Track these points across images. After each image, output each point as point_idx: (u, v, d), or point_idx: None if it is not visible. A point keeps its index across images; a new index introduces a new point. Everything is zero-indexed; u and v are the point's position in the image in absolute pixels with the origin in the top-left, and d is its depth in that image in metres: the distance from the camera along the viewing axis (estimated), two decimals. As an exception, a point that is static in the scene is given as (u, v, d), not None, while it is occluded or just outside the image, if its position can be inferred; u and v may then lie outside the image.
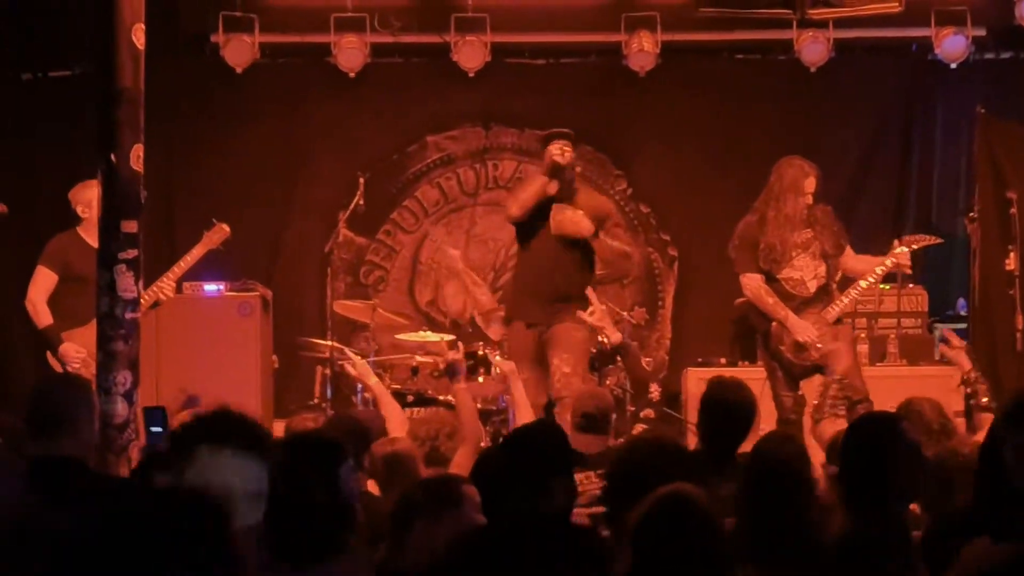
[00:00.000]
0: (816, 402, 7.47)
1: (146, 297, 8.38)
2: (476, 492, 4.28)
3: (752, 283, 8.00)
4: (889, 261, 8.31)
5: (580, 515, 4.90)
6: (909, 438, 4.03)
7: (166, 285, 8.67)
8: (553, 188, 8.47)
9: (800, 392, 8.05)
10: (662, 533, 3.26)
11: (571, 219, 8.26)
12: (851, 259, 8.22)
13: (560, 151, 8.39)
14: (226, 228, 8.93)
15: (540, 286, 8.48)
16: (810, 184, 7.98)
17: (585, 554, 3.53)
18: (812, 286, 7.99)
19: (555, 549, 3.48)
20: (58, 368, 8.23)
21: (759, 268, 7.97)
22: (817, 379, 8.07)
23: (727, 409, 5.28)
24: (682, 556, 3.20)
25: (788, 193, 7.95)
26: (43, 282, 8.42)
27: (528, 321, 8.46)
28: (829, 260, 8.01)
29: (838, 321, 7.99)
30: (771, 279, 7.99)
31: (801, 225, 7.95)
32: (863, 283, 8.22)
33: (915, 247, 8.46)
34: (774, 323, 7.98)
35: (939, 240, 8.95)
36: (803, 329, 7.87)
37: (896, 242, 8.72)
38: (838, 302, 7.98)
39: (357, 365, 7.71)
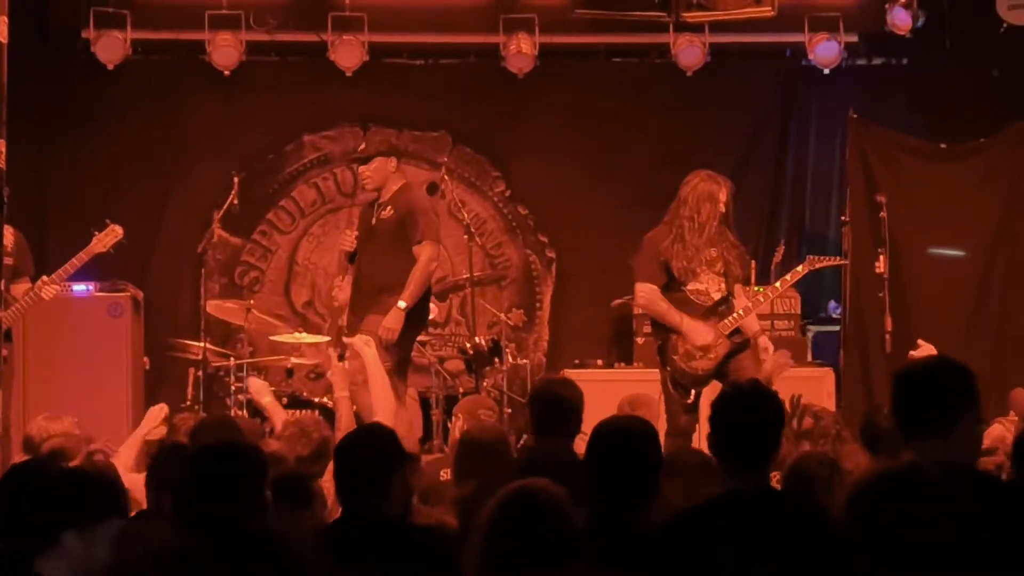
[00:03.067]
0: None
1: (28, 299, 8.18)
2: (327, 490, 4.36)
3: (646, 290, 7.89)
4: (790, 276, 8.32)
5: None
6: None
7: (47, 288, 8.32)
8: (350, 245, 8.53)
9: (695, 412, 7.91)
10: (511, 527, 3.29)
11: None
12: (742, 294, 8.13)
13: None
14: (119, 230, 8.61)
15: (364, 282, 8.35)
16: (723, 194, 7.91)
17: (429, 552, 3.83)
18: (715, 297, 7.92)
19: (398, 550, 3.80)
20: None
21: (655, 278, 7.88)
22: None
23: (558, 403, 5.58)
24: (530, 549, 3.23)
25: (704, 203, 7.86)
26: None
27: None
28: (729, 279, 7.96)
29: (735, 333, 7.92)
30: (677, 290, 7.90)
31: (712, 242, 7.88)
32: (760, 298, 8.24)
33: (818, 266, 8.44)
34: (672, 336, 7.88)
35: (845, 261, 8.99)
36: (699, 332, 7.82)
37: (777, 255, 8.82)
38: (735, 315, 7.91)
39: (253, 385, 7.87)
